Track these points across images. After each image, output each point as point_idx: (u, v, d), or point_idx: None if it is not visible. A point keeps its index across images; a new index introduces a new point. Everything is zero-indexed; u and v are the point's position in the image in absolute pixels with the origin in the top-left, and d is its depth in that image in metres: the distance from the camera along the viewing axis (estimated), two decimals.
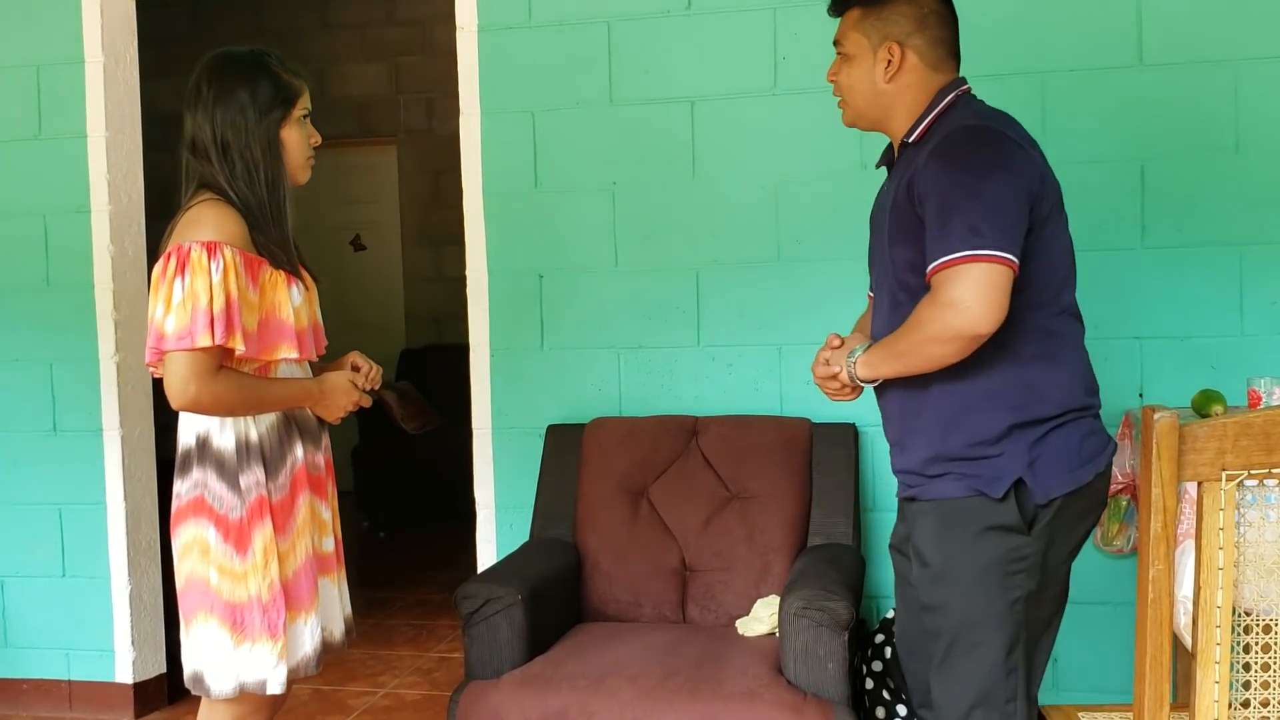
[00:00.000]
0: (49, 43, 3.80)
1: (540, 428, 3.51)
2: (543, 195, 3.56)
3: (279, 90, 2.38)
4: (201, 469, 2.26)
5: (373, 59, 7.47)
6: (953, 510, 2.07)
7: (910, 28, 2.15)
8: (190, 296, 2.16)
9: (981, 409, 2.04)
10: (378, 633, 4.68)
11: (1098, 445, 2.10)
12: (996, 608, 2.03)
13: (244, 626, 2.26)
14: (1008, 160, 2.00)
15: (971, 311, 1.91)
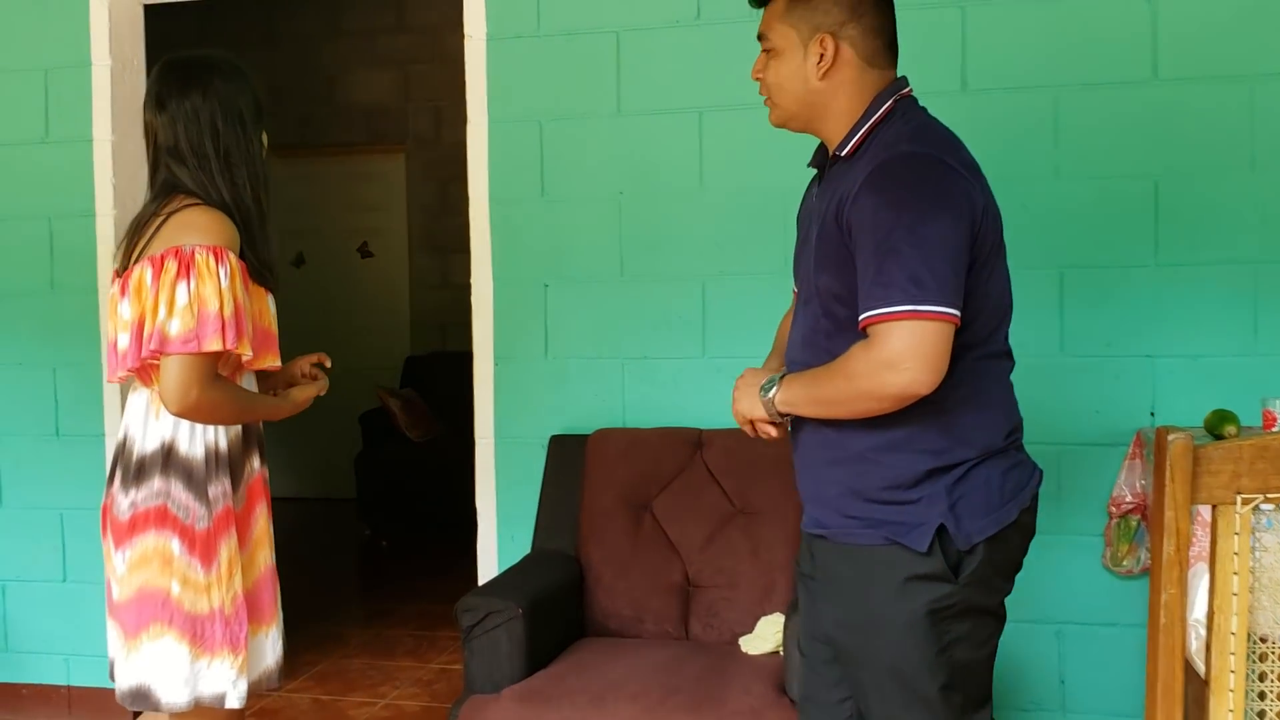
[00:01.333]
0: (57, 47, 3.79)
1: (543, 438, 3.48)
2: (549, 204, 3.54)
3: (259, 100, 2.38)
4: (165, 478, 2.22)
5: (382, 67, 7.46)
6: (872, 560, 1.92)
7: (843, 16, 1.94)
8: (197, 300, 2.14)
9: (899, 451, 1.90)
10: (379, 643, 4.65)
11: (1021, 478, 1.98)
12: (928, 657, 1.90)
13: (204, 639, 2.22)
14: (950, 196, 1.83)
15: (911, 373, 1.77)
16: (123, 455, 2.28)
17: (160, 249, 2.19)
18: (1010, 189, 3.21)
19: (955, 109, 3.21)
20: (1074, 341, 3.21)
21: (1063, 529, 3.21)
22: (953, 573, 1.89)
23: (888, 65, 2.00)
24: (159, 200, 2.27)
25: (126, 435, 2.29)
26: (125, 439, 2.29)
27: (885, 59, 1.99)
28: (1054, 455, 3.21)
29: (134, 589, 2.22)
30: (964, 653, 1.93)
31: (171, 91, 2.29)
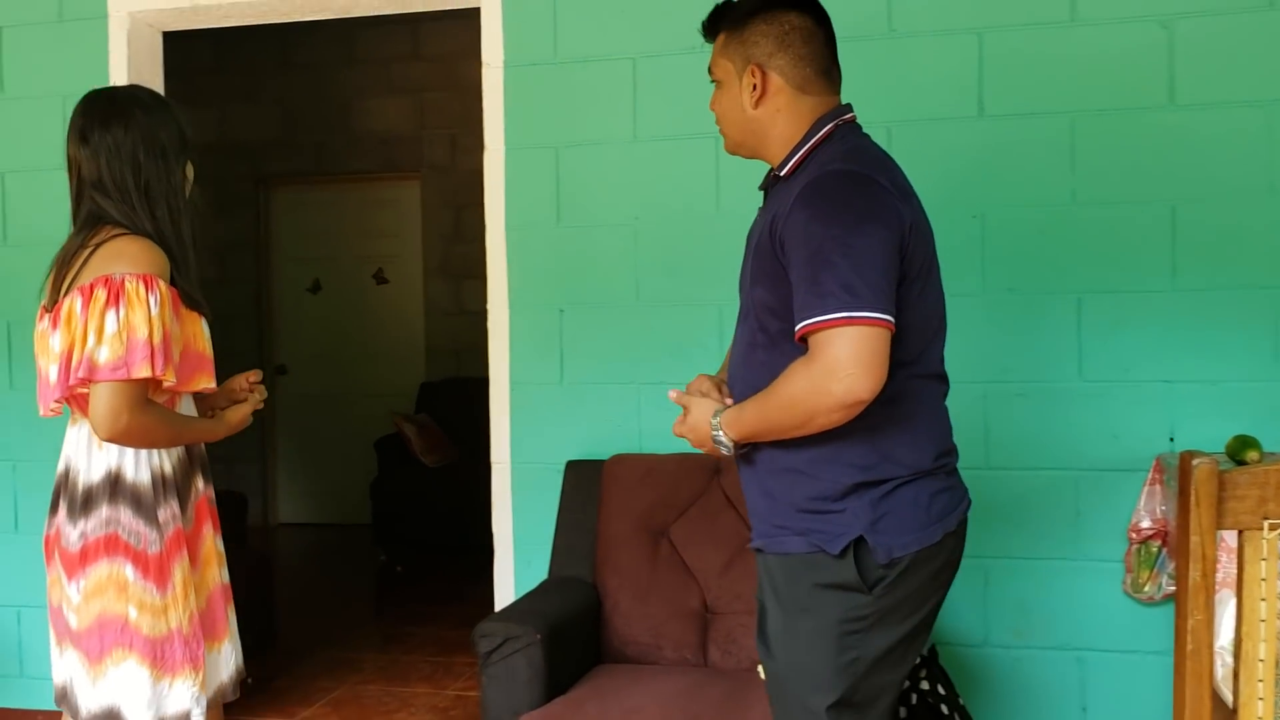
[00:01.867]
0: (76, 73, 3.82)
1: (559, 463, 3.47)
2: (564, 230, 3.54)
3: (183, 132, 2.42)
4: (113, 506, 2.25)
5: (397, 95, 7.51)
6: (794, 566, 1.97)
7: (771, 48, 2.04)
8: (126, 328, 2.17)
9: (827, 465, 1.94)
10: (394, 669, 4.63)
11: (949, 503, 2.01)
12: (829, 667, 1.94)
13: (165, 660, 2.27)
14: (878, 210, 1.89)
15: (853, 378, 1.81)
16: (66, 486, 2.31)
17: (89, 278, 2.21)
18: (1027, 214, 3.22)
19: (972, 134, 3.24)
20: (1092, 366, 3.19)
21: (1082, 555, 3.19)
22: (868, 586, 1.93)
23: (824, 91, 2.08)
24: (84, 232, 2.30)
25: (69, 466, 2.31)
26: (67, 470, 2.32)
27: (819, 85, 2.07)
28: (1072, 480, 3.19)
29: (92, 617, 2.25)
30: (870, 675, 1.95)
31: (94, 125, 2.32)
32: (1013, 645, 3.24)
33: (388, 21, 7.08)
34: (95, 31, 3.79)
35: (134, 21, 3.78)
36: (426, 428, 6.76)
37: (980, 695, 3.23)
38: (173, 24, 3.87)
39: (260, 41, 7.42)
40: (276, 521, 7.75)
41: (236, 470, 7.68)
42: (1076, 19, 3.19)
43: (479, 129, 3.62)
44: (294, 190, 7.77)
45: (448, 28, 7.17)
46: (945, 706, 2.95)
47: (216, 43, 7.48)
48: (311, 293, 7.75)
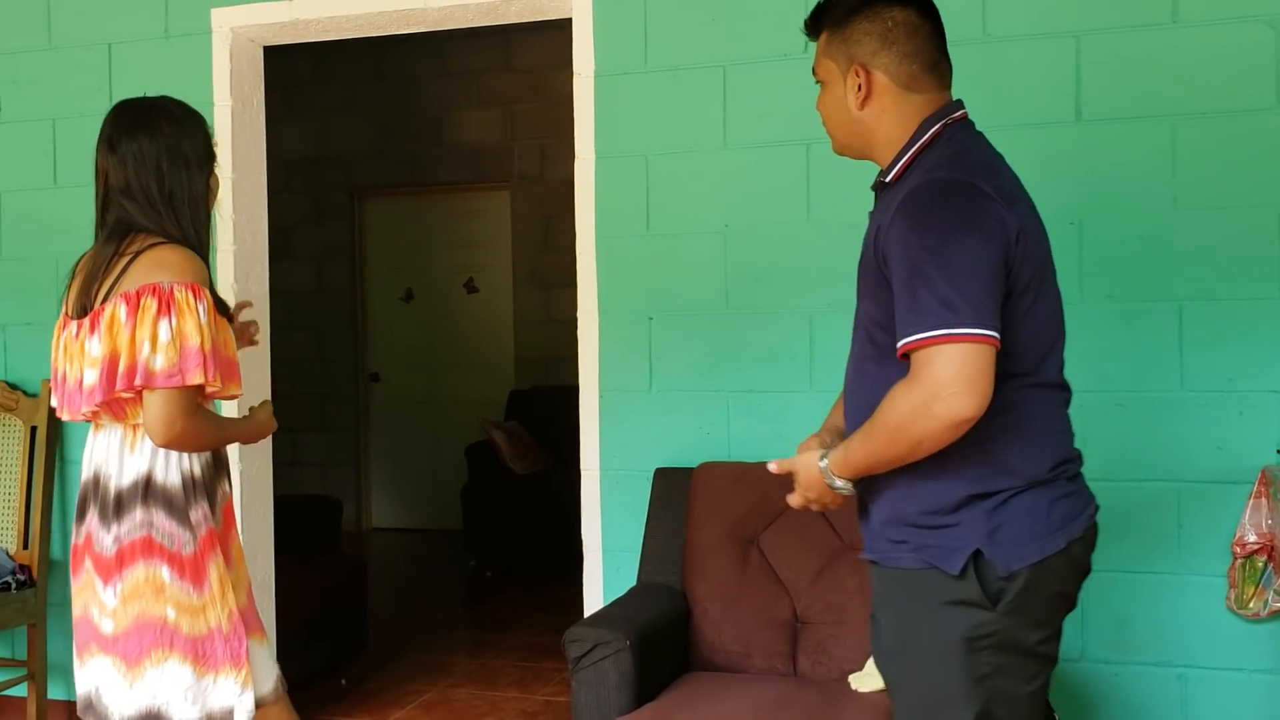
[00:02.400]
0: (181, 88, 3.89)
1: (648, 471, 3.48)
2: (654, 238, 3.56)
3: (209, 141, 2.45)
4: (146, 509, 2.28)
5: (488, 106, 7.60)
6: (911, 583, 1.90)
7: (874, 46, 1.97)
8: (179, 336, 2.22)
9: (938, 477, 1.87)
10: (484, 673, 4.68)
11: (1072, 509, 1.93)
12: (962, 686, 1.87)
13: (207, 658, 2.30)
14: (979, 220, 1.81)
15: (956, 397, 1.75)
16: (96, 492, 2.34)
17: (134, 286, 2.25)
18: (1126, 220, 3.16)
19: (1069, 140, 3.19)
20: (1195, 377, 3.11)
21: (1183, 569, 3.11)
22: (991, 600, 1.85)
23: (932, 88, 2.00)
24: (117, 240, 2.34)
25: (98, 473, 2.35)
26: (96, 476, 2.35)
27: (927, 82, 1.99)
28: (1174, 493, 3.11)
29: (131, 619, 2.28)
30: (1004, 686, 1.88)
31: (121, 134, 2.36)
32: (1111, 660, 3.17)
33: (479, 34, 7.18)
34: (199, 47, 3.90)
35: (236, 37, 3.88)
36: (516, 435, 6.82)
37: (1077, 711, 3.16)
38: (273, 38, 3.97)
39: (355, 56, 7.58)
40: (370, 526, 7.89)
41: (331, 475, 7.83)
42: (1178, 20, 3.12)
43: (568, 139, 3.65)
44: (387, 201, 7.91)
45: (537, 39, 7.25)
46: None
47: (314, 58, 7.65)
48: (404, 302, 7.87)
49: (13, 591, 3.72)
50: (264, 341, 4.02)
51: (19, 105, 4.11)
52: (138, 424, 2.31)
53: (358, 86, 7.81)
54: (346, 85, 7.82)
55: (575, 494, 3.66)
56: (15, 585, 3.73)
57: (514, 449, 6.72)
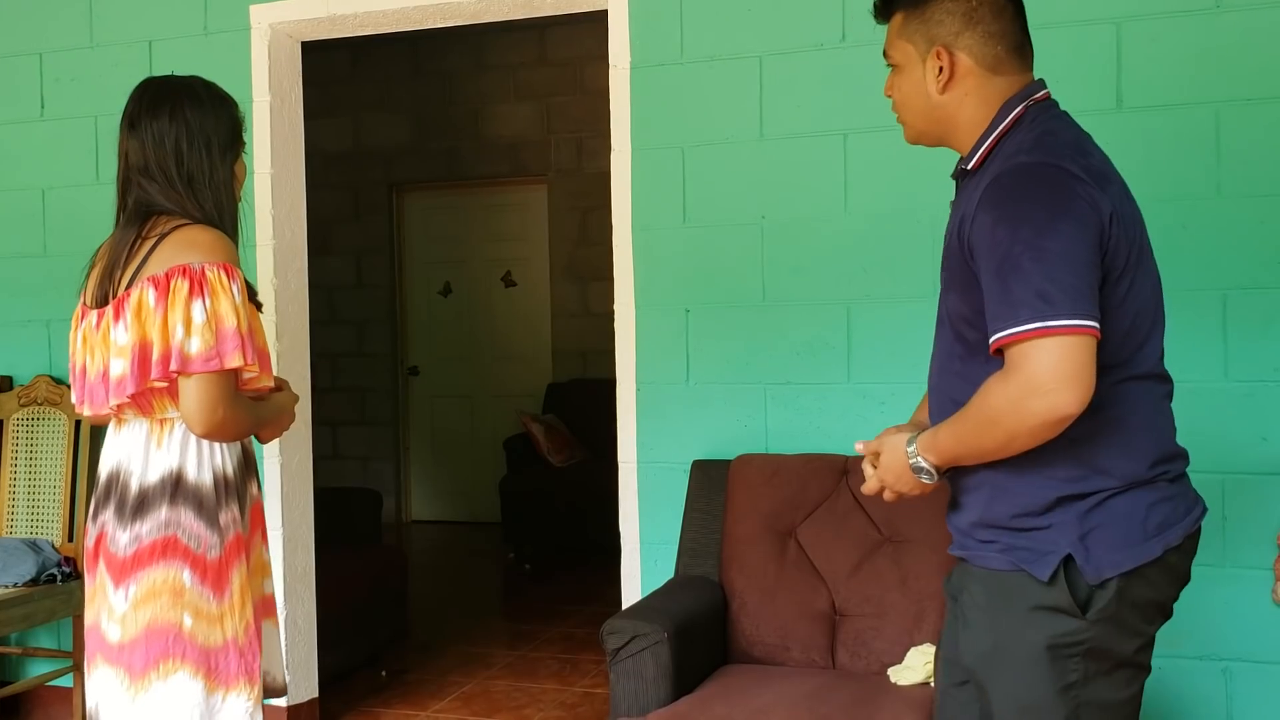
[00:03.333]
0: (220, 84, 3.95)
1: (685, 463, 3.48)
2: (691, 230, 3.55)
3: (236, 125, 2.33)
4: (174, 508, 2.14)
5: (524, 100, 7.62)
6: (1001, 584, 1.83)
7: (957, 26, 1.88)
8: (214, 317, 2.09)
9: (1027, 478, 1.79)
10: (522, 665, 4.70)
11: (1171, 514, 1.82)
12: (1048, 693, 1.79)
13: (219, 673, 2.15)
14: (1071, 204, 1.72)
15: (1055, 393, 1.66)
16: (116, 490, 2.20)
17: (162, 269, 2.13)
18: (1169, 209, 3.11)
19: (1110, 127, 3.13)
20: (1239, 366, 3.07)
21: (1228, 561, 3.07)
22: (1081, 608, 1.78)
23: (1016, 70, 1.92)
24: (139, 223, 2.21)
25: (119, 469, 2.21)
26: (117, 473, 2.21)
27: (1012, 64, 1.91)
28: (1218, 484, 3.07)
29: (141, 626, 2.13)
30: (1094, 695, 1.80)
31: (141, 112, 2.25)
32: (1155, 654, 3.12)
33: (515, 28, 7.19)
34: (238, 43, 3.94)
35: (274, 32, 3.91)
36: (554, 428, 6.84)
37: None
38: (310, 34, 4.00)
39: (392, 51, 7.62)
40: (409, 519, 7.94)
41: (371, 468, 7.89)
42: (1222, 5, 3.07)
43: (604, 132, 3.65)
44: (425, 195, 7.95)
45: (573, 32, 7.25)
46: None
47: (352, 53, 7.69)
48: (442, 296, 7.91)
49: (58, 583, 3.77)
50: (303, 336, 4.05)
51: (62, 103, 4.16)
52: (165, 418, 2.18)
53: (395, 81, 7.85)
54: (384, 80, 7.86)
55: (613, 486, 3.67)
56: (61, 577, 3.79)
57: (551, 442, 6.74)
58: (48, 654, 4.08)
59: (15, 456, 4.05)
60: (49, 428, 4.04)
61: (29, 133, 4.21)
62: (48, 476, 4.01)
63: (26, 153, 4.22)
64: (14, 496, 4.03)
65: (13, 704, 4.16)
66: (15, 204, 4.24)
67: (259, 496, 2.34)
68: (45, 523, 3.98)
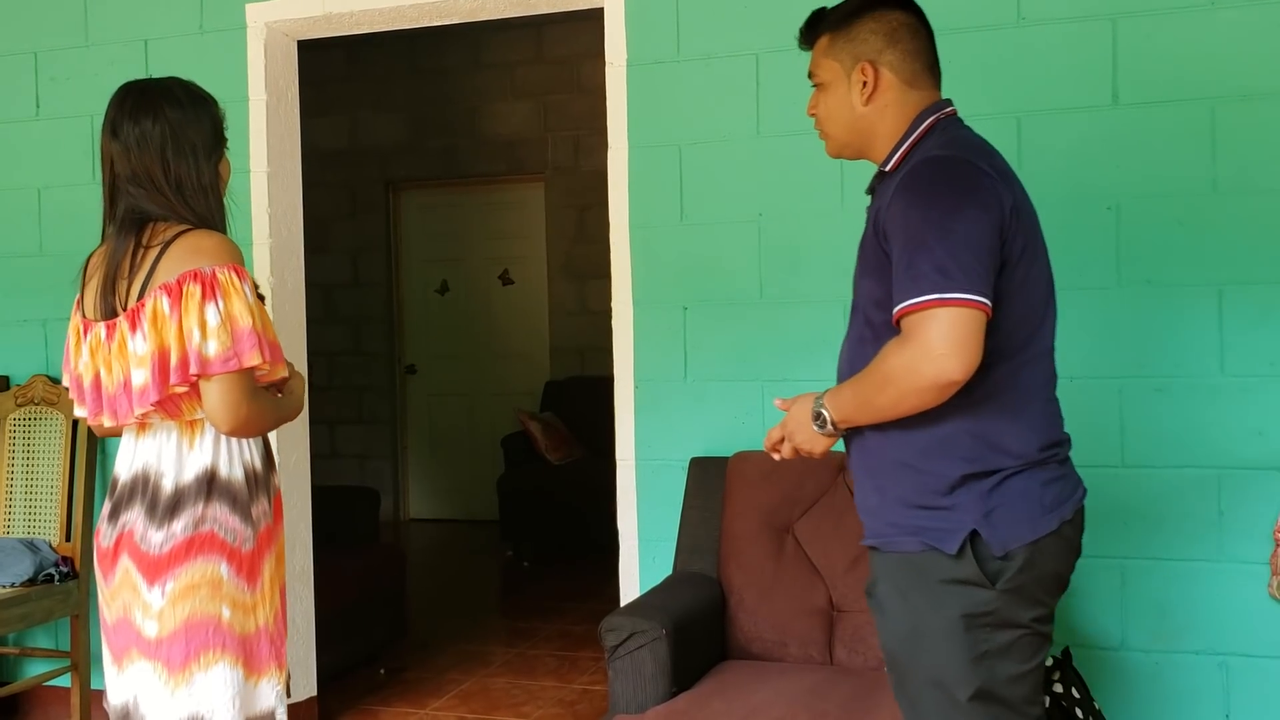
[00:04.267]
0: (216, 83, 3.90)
1: (683, 460, 3.48)
2: (688, 228, 3.55)
3: (217, 124, 2.34)
4: (209, 504, 2.20)
5: (522, 97, 7.62)
6: (914, 565, 1.98)
7: (880, 44, 2.09)
8: (228, 319, 2.13)
9: (933, 459, 1.95)
10: (521, 662, 4.70)
11: (1063, 491, 2.00)
12: (962, 664, 1.94)
13: (254, 659, 2.24)
14: (977, 193, 1.91)
15: (945, 358, 1.82)
16: (142, 492, 2.23)
17: (173, 276, 2.16)
18: (1164, 204, 3.12)
19: (1106, 123, 3.16)
20: (1235, 361, 3.08)
21: (1224, 556, 3.08)
22: (990, 580, 1.93)
23: (929, 86, 2.12)
24: (134, 231, 2.22)
25: (146, 472, 2.24)
26: (144, 475, 2.24)
27: (926, 80, 2.12)
28: (1214, 479, 3.08)
29: (180, 620, 2.18)
30: (1004, 667, 1.95)
31: (124, 118, 2.25)
32: (1152, 649, 3.14)
33: (512, 26, 7.19)
34: (234, 42, 3.93)
35: (270, 31, 3.91)
36: (552, 426, 6.84)
37: (1117, 700, 3.14)
38: (306, 32, 3.99)
39: (389, 49, 7.61)
40: (407, 517, 7.94)
41: (369, 466, 7.89)
42: (1217, 2, 3.08)
43: (601, 130, 3.65)
44: (422, 194, 7.95)
45: (570, 30, 7.25)
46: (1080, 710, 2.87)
47: (348, 52, 7.69)
48: (439, 294, 7.91)
49: (56, 583, 3.77)
50: (300, 334, 4.05)
51: (57, 102, 4.16)
52: (194, 420, 2.22)
53: (391, 80, 7.85)
54: (380, 79, 7.86)
55: (611, 484, 3.67)
56: (59, 577, 3.79)
57: (549, 439, 6.74)
58: (45, 654, 4.08)
59: (13, 456, 4.05)
60: (46, 428, 4.04)
61: (24, 132, 4.21)
62: (45, 476, 4.01)
63: (22, 152, 4.22)
64: (11, 496, 4.03)
65: (11, 704, 4.16)
66: (11, 203, 4.24)
67: (279, 487, 2.40)
68: (42, 523, 3.98)
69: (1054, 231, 3.15)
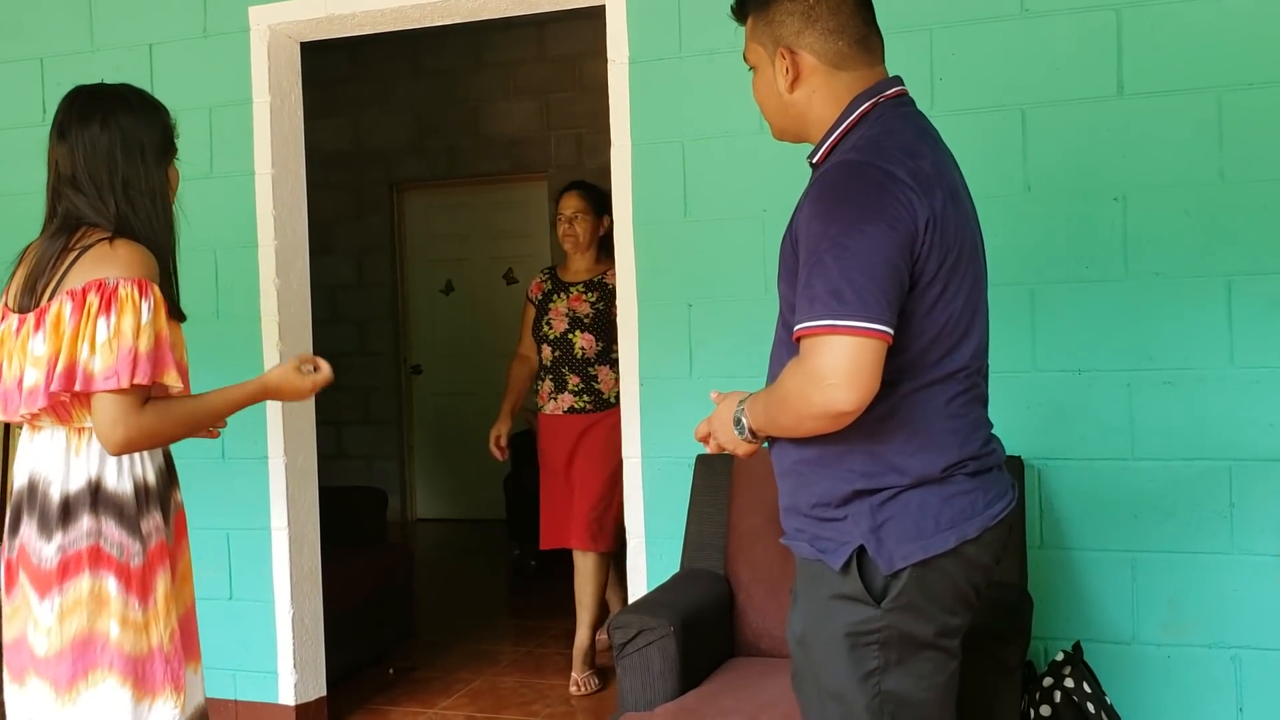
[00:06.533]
0: (220, 85, 3.97)
1: (689, 457, 3.48)
2: (692, 224, 3.54)
3: (168, 131, 2.33)
4: (94, 517, 2.14)
5: (524, 96, 7.61)
6: (810, 572, 1.93)
7: (798, 25, 1.93)
8: (116, 335, 2.08)
9: (828, 470, 1.88)
10: (529, 661, 4.70)
11: (968, 508, 1.87)
12: (849, 681, 1.87)
13: (146, 680, 2.16)
14: (883, 207, 1.76)
15: (834, 388, 1.73)
16: (33, 500, 2.18)
17: (81, 282, 2.13)
18: (1171, 195, 3.11)
19: (1111, 114, 3.14)
20: (1245, 353, 3.06)
21: (1236, 548, 3.06)
22: (876, 598, 1.85)
23: (864, 64, 1.95)
24: (66, 233, 2.21)
25: (35, 479, 2.19)
26: (33, 483, 2.19)
27: (857, 58, 1.95)
28: (1225, 471, 3.07)
29: (67, 638, 2.13)
30: (896, 684, 1.86)
31: (72, 121, 2.24)
32: (1164, 643, 3.13)
33: (514, 25, 7.19)
34: (238, 45, 3.93)
35: (273, 33, 3.90)
36: None
37: (1128, 694, 3.12)
38: (310, 34, 3.99)
39: (391, 50, 7.61)
40: (414, 517, 7.94)
41: (376, 467, 7.89)
42: None
43: (604, 127, 3.64)
44: (426, 194, 7.94)
45: (572, 28, 7.24)
46: (1091, 705, 2.87)
47: (351, 53, 7.68)
48: (444, 294, 7.91)
49: None
50: (306, 335, 4.05)
51: None
52: (83, 427, 2.18)
53: (394, 80, 7.84)
54: (383, 79, 7.85)
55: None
56: None
57: None
58: None
59: None
60: None
61: (32, 138, 4.20)
62: None
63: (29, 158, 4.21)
64: None
65: None
66: (19, 209, 4.23)
67: (182, 505, 2.35)
68: None
69: (1060, 224, 3.17)
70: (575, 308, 4.45)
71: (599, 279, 4.48)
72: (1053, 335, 3.19)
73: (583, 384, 4.41)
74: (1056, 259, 3.18)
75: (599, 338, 4.39)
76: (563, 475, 4.46)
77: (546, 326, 4.51)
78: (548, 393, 4.52)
